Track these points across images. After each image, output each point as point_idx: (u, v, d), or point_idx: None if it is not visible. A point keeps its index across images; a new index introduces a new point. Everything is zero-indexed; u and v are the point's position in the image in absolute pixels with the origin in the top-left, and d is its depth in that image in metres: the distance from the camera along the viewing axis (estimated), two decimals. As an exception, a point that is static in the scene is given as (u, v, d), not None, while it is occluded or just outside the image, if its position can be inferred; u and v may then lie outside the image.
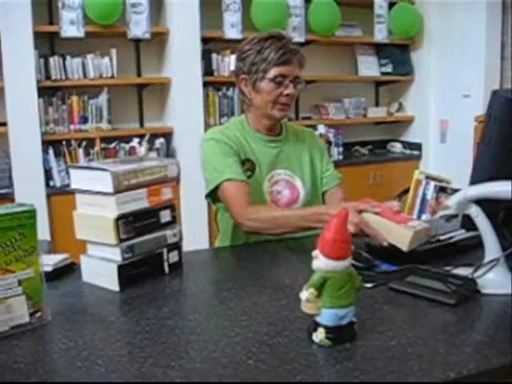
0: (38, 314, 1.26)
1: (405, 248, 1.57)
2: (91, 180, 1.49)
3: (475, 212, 1.43)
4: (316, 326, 1.13)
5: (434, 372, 1.02)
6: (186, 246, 1.70)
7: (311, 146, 2.17)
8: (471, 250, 1.65)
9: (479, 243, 1.47)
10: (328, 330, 1.11)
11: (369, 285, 1.43)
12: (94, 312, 1.37)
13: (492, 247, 1.42)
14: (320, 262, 1.10)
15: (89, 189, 1.50)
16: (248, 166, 2.01)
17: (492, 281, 1.40)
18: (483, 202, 1.42)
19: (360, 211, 1.66)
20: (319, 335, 1.12)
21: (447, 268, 1.50)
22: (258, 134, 2.07)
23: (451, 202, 1.45)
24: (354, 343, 1.13)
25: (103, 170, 1.46)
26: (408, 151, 5.32)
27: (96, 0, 3.82)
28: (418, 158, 5.24)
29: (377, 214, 1.65)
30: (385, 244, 1.59)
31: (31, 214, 1.23)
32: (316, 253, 1.11)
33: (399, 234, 1.58)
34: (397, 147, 5.40)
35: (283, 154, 2.09)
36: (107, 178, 1.44)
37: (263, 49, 1.95)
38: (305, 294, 1.11)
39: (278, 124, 2.11)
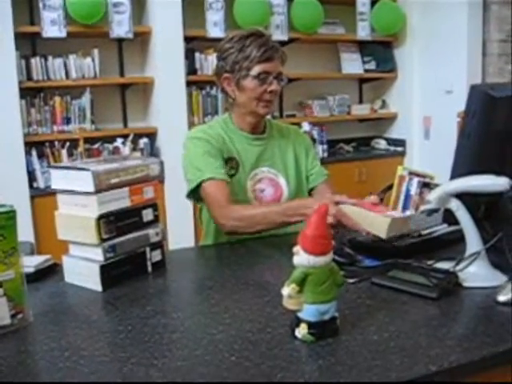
0: (20, 316, 1.26)
1: (383, 235, 1.57)
2: (72, 180, 1.48)
3: (456, 206, 1.44)
4: (298, 321, 1.13)
5: (416, 366, 1.02)
6: (172, 245, 1.70)
7: (296, 144, 2.16)
8: (453, 244, 1.66)
9: (461, 237, 1.48)
10: (310, 325, 1.12)
11: (351, 280, 1.44)
12: (77, 312, 1.36)
13: (473, 241, 1.43)
14: (301, 258, 1.10)
15: (70, 189, 1.49)
16: (231, 164, 2.01)
17: (473, 274, 1.41)
18: (464, 196, 1.43)
19: (337, 202, 1.68)
20: (302, 331, 1.12)
21: (429, 262, 1.51)
22: (242, 132, 2.07)
23: (432, 196, 1.46)
24: (337, 338, 1.14)
25: (84, 169, 1.45)
26: (392, 148, 5.34)
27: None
28: (402, 154, 5.26)
29: (354, 205, 1.67)
30: (363, 234, 1.61)
31: (10, 214, 1.22)
32: (297, 249, 1.11)
33: (377, 222, 1.59)
34: (381, 144, 5.42)
35: (267, 152, 2.09)
36: (88, 177, 1.43)
37: (245, 46, 1.95)
38: (286, 290, 1.11)
39: (262, 122, 2.11)
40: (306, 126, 4.79)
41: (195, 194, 1.99)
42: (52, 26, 3.82)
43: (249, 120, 2.06)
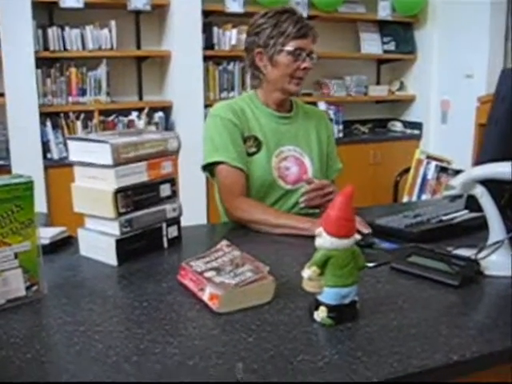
0: (35, 288, 1.25)
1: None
2: (90, 152, 1.47)
3: (480, 192, 1.41)
4: (318, 304, 1.11)
5: (437, 354, 1.00)
6: (184, 221, 1.68)
7: (319, 127, 2.14)
8: (474, 231, 1.64)
9: (481, 224, 1.45)
10: (330, 308, 1.10)
11: (370, 264, 1.41)
12: (92, 286, 1.35)
13: (496, 229, 1.40)
14: (323, 240, 1.08)
15: (87, 161, 1.47)
16: (251, 142, 1.99)
17: (495, 263, 1.38)
18: (488, 183, 1.40)
19: None
20: (321, 314, 1.10)
21: (449, 248, 1.48)
22: (268, 109, 2.05)
23: (456, 181, 1.43)
24: (356, 323, 1.12)
25: (102, 141, 1.43)
26: (408, 131, 5.28)
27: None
28: (419, 137, 5.20)
29: None
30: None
31: (28, 185, 1.21)
32: (319, 230, 1.09)
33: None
34: (397, 126, 5.36)
35: (293, 131, 2.07)
36: (106, 150, 1.41)
37: (280, 22, 1.94)
38: (307, 272, 1.09)
39: (287, 100, 2.08)
40: (322, 106, 4.75)
41: (211, 170, 1.98)
42: (70, -4, 3.79)
43: (276, 96, 2.03)
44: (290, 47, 1.93)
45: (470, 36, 4.65)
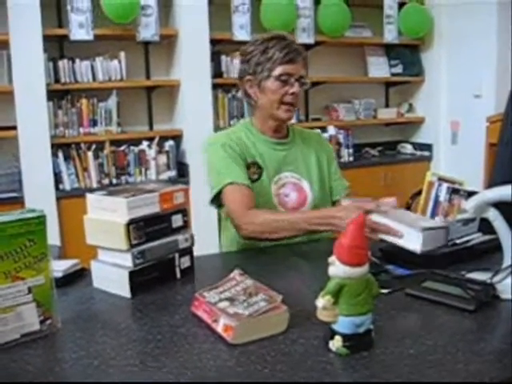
0: (49, 322, 1.24)
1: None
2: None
3: (493, 215, 1.40)
4: (333, 333, 1.10)
5: (455, 381, 0.98)
6: (196, 251, 1.68)
7: (318, 150, 2.14)
8: (488, 254, 1.62)
9: (496, 247, 1.44)
10: (345, 338, 1.09)
11: (385, 290, 1.40)
12: (105, 319, 1.35)
13: (510, 251, 1.39)
14: (337, 269, 1.07)
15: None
16: (254, 169, 1.99)
17: (511, 286, 1.36)
18: (502, 205, 1.39)
19: (366, 212, 1.62)
20: (336, 343, 1.09)
21: (462, 272, 1.47)
22: (265, 136, 2.06)
23: (469, 205, 1.42)
24: (372, 351, 1.10)
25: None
26: (419, 152, 5.27)
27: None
28: (429, 159, 5.20)
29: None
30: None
31: (41, 220, 1.21)
32: (332, 259, 1.08)
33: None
34: (407, 148, 5.35)
35: (290, 157, 2.07)
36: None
37: (268, 48, 1.95)
38: (321, 302, 1.08)
39: (283, 126, 2.09)
40: (331, 130, 4.76)
41: (218, 201, 1.98)
42: (80, 29, 3.84)
43: (270, 124, 2.05)
44: (276, 72, 1.94)
45: (477, 56, 4.66)
